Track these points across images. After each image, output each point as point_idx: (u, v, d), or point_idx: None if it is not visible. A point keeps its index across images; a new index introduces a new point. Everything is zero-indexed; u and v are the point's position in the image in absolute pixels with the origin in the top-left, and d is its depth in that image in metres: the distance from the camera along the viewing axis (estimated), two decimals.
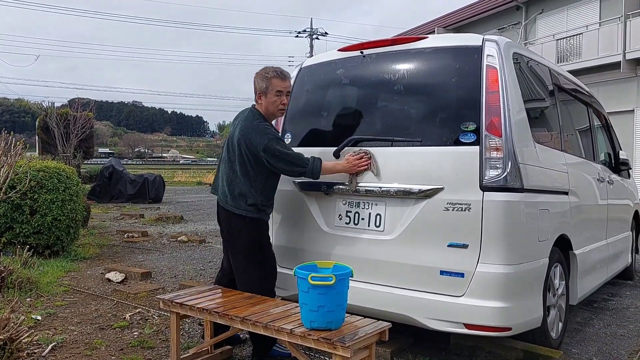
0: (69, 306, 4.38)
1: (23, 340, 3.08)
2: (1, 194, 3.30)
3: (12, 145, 3.44)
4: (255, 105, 3.28)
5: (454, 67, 3.15)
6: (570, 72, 12.23)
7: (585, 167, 4.29)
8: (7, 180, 3.38)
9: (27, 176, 5.38)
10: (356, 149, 3.28)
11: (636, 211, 6.04)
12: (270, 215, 3.36)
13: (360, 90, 3.54)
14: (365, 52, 3.49)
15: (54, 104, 16.02)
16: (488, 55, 3.06)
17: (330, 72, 3.64)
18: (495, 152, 2.90)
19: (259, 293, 3.07)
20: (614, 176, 5.17)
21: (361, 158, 3.22)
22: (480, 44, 3.10)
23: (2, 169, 3.33)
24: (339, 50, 3.70)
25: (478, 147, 2.93)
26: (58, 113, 14.83)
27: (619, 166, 5.42)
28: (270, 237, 3.45)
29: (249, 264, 3.17)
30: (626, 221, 5.53)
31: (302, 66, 3.88)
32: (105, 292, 4.87)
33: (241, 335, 3.54)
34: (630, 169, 5.81)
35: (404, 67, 3.32)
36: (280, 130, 3.81)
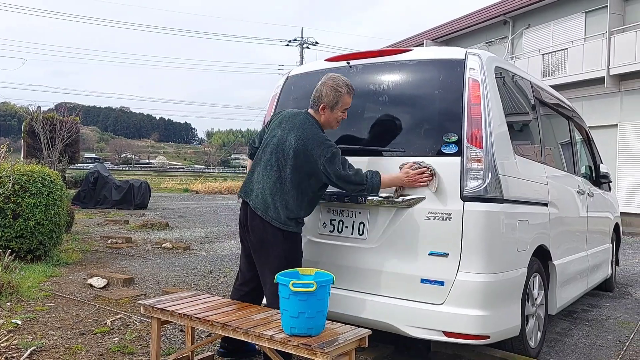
0: (49, 311, 4.34)
1: (1, 345, 3.06)
2: None
3: None
4: (309, 111, 3.11)
5: (437, 80, 3.21)
6: (555, 86, 12.45)
7: (566, 179, 4.37)
8: None
9: (10, 179, 5.34)
10: (414, 159, 3.08)
11: (616, 224, 6.14)
12: None
13: None
14: (352, 62, 3.54)
15: (40, 107, 15.92)
16: (471, 68, 3.12)
17: (317, 82, 3.67)
18: (476, 163, 2.96)
19: None
20: (595, 189, 5.27)
21: (422, 173, 3.03)
22: (463, 57, 3.17)
23: None
24: (325, 60, 3.75)
25: (459, 158, 2.99)
26: (44, 117, 14.75)
27: (599, 179, 5.52)
28: None
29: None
30: (606, 233, 5.63)
31: (289, 75, 3.92)
32: (86, 298, 4.83)
33: (257, 346, 3.32)
34: (611, 182, 5.91)
35: (389, 78, 3.37)
36: None
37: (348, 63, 3.53)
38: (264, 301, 3.22)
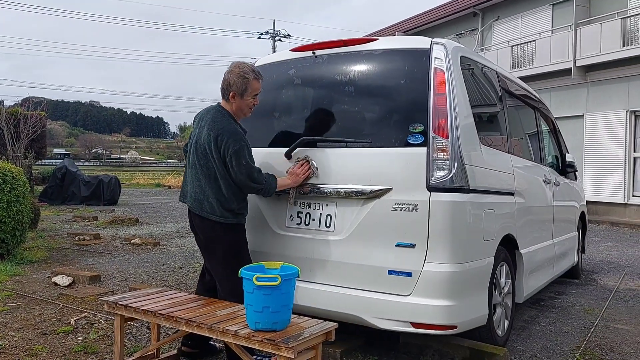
0: (10, 311, 4.21)
1: None
2: None
3: None
4: (221, 103, 3.12)
5: (403, 69, 3.19)
6: (524, 77, 12.62)
7: (532, 169, 4.42)
8: None
9: None
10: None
11: (583, 212, 6.26)
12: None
13: (312, 90, 3.54)
14: (317, 52, 3.49)
15: (2, 102, 15.42)
16: (436, 58, 3.10)
17: (283, 72, 3.63)
18: (442, 153, 2.95)
19: (242, 300, 2.76)
20: (561, 178, 5.34)
21: (302, 166, 3.22)
22: (429, 46, 3.15)
23: None
24: (291, 50, 3.70)
25: (425, 148, 2.97)
26: (7, 112, 14.27)
27: (565, 168, 5.60)
28: None
29: (229, 271, 2.95)
30: (572, 222, 5.72)
31: (255, 65, 3.84)
32: (50, 297, 4.70)
33: (217, 345, 3.38)
34: (577, 171, 6.01)
35: (354, 68, 3.34)
36: None
37: (314, 53, 3.48)
38: None
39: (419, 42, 3.22)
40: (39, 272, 5.76)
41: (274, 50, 38.25)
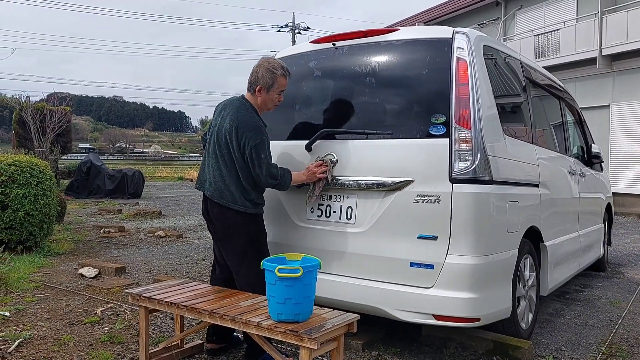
0: (39, 302, 4.31)
1: None
2: None
3: None
4: (246, 95, 3.13)
5: (424, 60, 3.15)
6: (548, 67, 12.39)
7: (557, 160, 4.34)
8: None
9: None
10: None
11: (609, 204, 6.14)
12: None
13: (332, 82, 3.53)
14: (337, 44, 3.47)
15: (29, 97, 15.71)
16: (458, 47, 3.06)
17: (303, 65, 3.62)
18: (464, 145, 2.92)
19: (258, 291, 2.88)
20: (587, 169, 5.24)
21: (320, 166, 3.21)
22: (451, 36, 3.11)
23: None
24: (311, 42, 3.68)
25: (447, 139, 2.94)
26: (34, 107, 14.54)
27: (591, 159, 5.49)
28: None
29: (247, 261, 2.99)
30: (598, 214, 5.62)
31: (275, 57, 3.84)
32: (77, 288, 4.80)
33: (240, 336, 3.38)
34: (603, 162, 5.89)
35: (375, 59, 3.31)
36: None
37: (334, 44, 3.47)
38: None
39: (441, 31, 3.19)
40: (66, 264, 5.88)
41: (294, 43, 38.21)
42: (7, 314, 3.89)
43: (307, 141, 3.34)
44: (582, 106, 6.30)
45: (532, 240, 3.60)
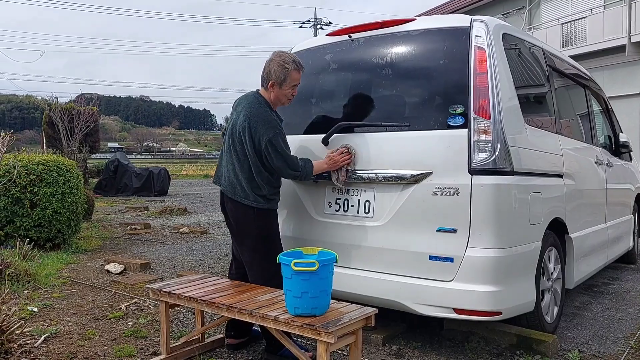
0: (66, 298, 4.40)
1: (15, 332, 3.10)
2: None
3: (1, 138, 3.42)
4: (260, 90, 3.12)
5: (442, 49, 3.10)
6: (575, 56, 12.09)
7: (583, 150, 4.23)
8: None
9: (15, 169, 5.45)
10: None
11: (638, 194, 5.96)
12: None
13: (348, 75, 3.50)
14: (353, 36, 3.44)
15: (57, 98, 16.05)
16: (476, 36, 3.00)
17: (319, 58, 3.60)
18: (484, 135, 2.86)
19: (270, 285, 2.91)
20: (615, 159, 5.10)
21: (342, 154, 3.17)
22: (469, 24, 3.05)
23: None
24: (327, 35, 3.66)
25: (466, 130, 2.89)
26: (62, 108, 14.86)
27: (619, 149, 5.34)
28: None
29: (259, 256, 3.01)
30: (627, 204, 5.46)
31: (291, 52, 3.83)
32: (103, 284, 4.88)
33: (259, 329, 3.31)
34: (632, 151, 5.72)
35: (391, 50, 3.27)
36: None
37: (350, 36, 3.44)
38: None
39: (458, 20, 3.13)
40: (92, 260, 6.00)
41: None
42: (35, 309, 3.98)
43: (323, 135, 3.32)
44: (611, 95, 6.13)
45: (557, 232, 3.52)
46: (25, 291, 4.47)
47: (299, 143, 3.41)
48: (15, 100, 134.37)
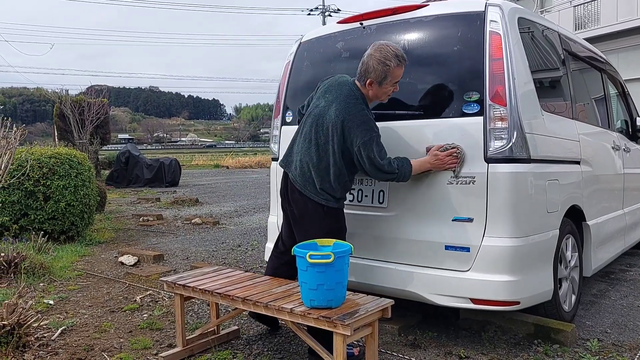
0: (81, 290, 4.42)
1: (32, 325, 3.12)
2: (1, 180, 3.30)
3: (13, 132, 3.42)
4: (357, 82, 2.88)
5: (455, 35, 3.04)
6: (589, 39, 11.88)
7: (599, 135, 4.15)
8: (7, 168, 3.37)
9: (27, 162, 5.47)
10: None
11: None
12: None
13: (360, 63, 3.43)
14: (365, 23, 3.38)
15: (67, 91, 16.08)
16: (491, 20, 2.93)
17: (330, 46, 3.55)
18: (500, 122, 2.80)
19: None
20: (632, 144, 5.01)
21: (450, 154, 2.87)
22: (483, 9, 2.98)
23: (4, 156, 3.32)
24: (338, 22, 3.60)
25: (482, 117, 2.83)
26: (73, 100, 14.90)
27: (636, 133, 5.24)
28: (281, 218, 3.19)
29: None
30: None
31: (302, 41, 3.78)
32: (117, 276, 4.91)
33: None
34: None
35: (404, 37, 3.21)
36: (281, 108, 3.75)
37: (361, 24, 3.38)
38: None
39: (472, 4, 3.05)
40: (106, 252, 6.03)
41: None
42: (52, 302, 4.01)
43: None
44: (626, 78, 6.02)
45: (574, 219, 3.46)
46: (41, 284, 4.50)
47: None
48: (27, 94, 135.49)
